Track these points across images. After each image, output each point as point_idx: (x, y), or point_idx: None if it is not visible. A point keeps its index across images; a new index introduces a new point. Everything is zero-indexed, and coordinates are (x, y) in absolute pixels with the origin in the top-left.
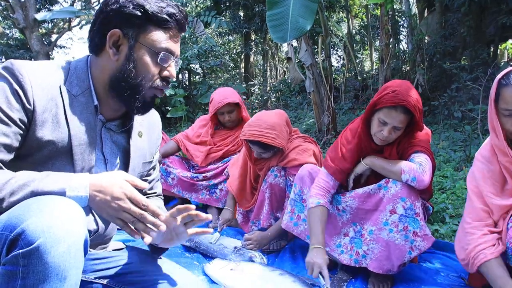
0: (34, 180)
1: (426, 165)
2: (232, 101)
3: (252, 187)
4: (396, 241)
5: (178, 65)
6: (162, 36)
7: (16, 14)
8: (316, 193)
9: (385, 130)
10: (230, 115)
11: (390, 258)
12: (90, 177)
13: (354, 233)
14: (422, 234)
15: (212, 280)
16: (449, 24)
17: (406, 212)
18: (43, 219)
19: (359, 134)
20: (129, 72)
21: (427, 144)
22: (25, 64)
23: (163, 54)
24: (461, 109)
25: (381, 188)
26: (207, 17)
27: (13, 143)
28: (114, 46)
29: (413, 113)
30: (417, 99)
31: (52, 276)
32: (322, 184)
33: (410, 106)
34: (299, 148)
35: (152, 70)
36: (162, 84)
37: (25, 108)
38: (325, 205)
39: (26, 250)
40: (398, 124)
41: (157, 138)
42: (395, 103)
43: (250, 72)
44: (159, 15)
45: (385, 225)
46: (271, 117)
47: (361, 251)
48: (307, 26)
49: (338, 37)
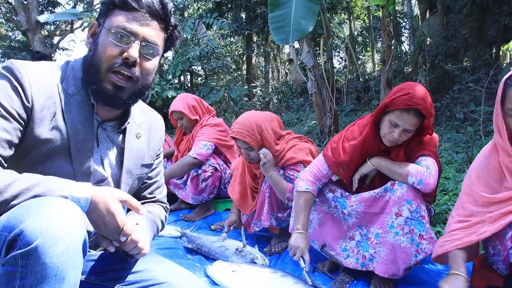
0: (37, 185)
1: (433, 168)
2: (176, 110)
3: (253, 190)
4: (402, 244)
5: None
6: (123, 17)
7: (19, 16)
8: (307, 179)
9: (395, 132)
10: (181, 122)
11: (396, 262)
12: (92, 190)
13: (360, 236)
14: (428, 237)
15: (214, 281)
16: (451, 25)
17: (412, 214)
18: (41, 219)
19: (366, 133)
20: (91, 55)
21: (434, 148)
22: (24, 63)
23: (113, 30)
24: (463, 111)
25: (387, 191)
26: (209, 19)
27: (13, 139)
28: (91, 37)
29: (426, 117)
30: (431, 103)
31: (50, 276)
32: (315, 171)
33: (423, 109)
34: (295, 147)
35: (109, 50)
36: (120, 67)
37: (24, 105)
38: (312, 192)
39: (24, 251)
40: (409, 126)
41: (158, 142)
42: (408, 106)
43: (252, 74)
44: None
45: (391, 228)
46: (256, 117)
47: (367, 254)
48: (309, 28)
49: (340, 39)
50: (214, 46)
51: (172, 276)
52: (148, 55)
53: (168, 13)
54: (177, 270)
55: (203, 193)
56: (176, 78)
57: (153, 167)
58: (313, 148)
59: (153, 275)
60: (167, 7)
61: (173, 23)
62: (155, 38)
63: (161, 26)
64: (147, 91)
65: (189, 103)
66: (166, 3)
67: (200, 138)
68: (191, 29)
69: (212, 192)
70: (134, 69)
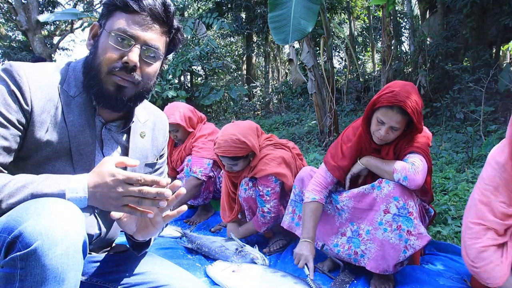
0: (33, 182)
1: (419, 165)
2: (173, 122)
3: (231, 198)
4: (390, 240)
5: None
6: (124, 20)
7: (19, 16)
8: (313, 189)
9: (382, 130)
10: (176, 134)
11: (386, 258)
12: (87, 177)
13: (351, 232)
14: (416, 233)
15: (214, 281)
16: (451, 25)
17: (399, 211)
18: (41, 221)
19: (359, 133)
20: (91, 58)
21: (425, 146)
22: (23, 65)
23: (114, 33)
24: (463, 111)
25: (375, 188)
26: (209, 19)
27: (12, 145)
28: (93, 38)
29: (410, 115)
30: (417, 101)
31: (50, 278)
32: (320, 180)
33: (407, 107)
34: (266, 158)
35: (109, 53)
36: (120, 71)
37: (22, 109)
38: (320, 201)
39: (23, 253)
40: (395, 124)
41: (162, 141)
42: (392, 103)
43: (252, 74)
44: (124, 0)
45: (379, 224)
46: (235, 129)
47: (359, 250)
48: (309, 28)
49: (340, 39)
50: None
51: (173, 278)
52: (149, 59)
53: (171, 16)
54: (178, 272)
55: (198, 199)
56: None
57: (156, 166)
58: (287, 156)
59: (155, 278)
60: (169, 10)
61: (176, 26)
62: (156, 42)
63: (163, 30)
64: (148, 94)
65: (185, 115)
66: (169, 5)
67: (201, 154)
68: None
69: (207, 197)
70: (134, 74)
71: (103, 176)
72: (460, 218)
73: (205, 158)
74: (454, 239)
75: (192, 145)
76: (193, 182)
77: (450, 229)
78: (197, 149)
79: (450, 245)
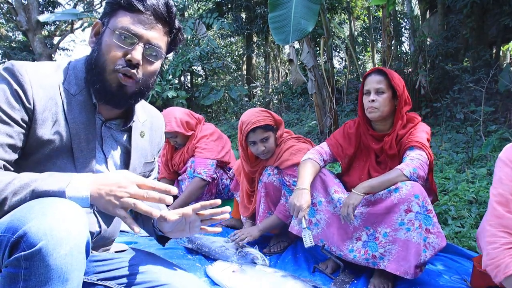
0: (36, 180)
1: (419, 159)
2: (170, 131)
3: (249, 194)
4: (413, 239)
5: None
6: (128, 18)
7: (19, 17)
8: (310, 152)
9: (370, 97)
10: (175, 140)
11: (407, 258)
12: (93, 176)
13: (367, 236)
14: (435, 231)
15: (214, 282)
16: (451, 25)
17: (420, 209)
18: (45, 221)
19: (358, 121)
20: (95, 55)
21: (425, 140)
22: (25, 64)
23: (118, 31)
24: (463, 111)
25: (391, 192)
26: (209, 19)
27: (17, 143)
28: (95, 36)
29: (387, 75)
30: (398, 75)
31: (54, 278)
32: (317, 148)
33: (385, 70)
34: (292, 148)
35: (113, 51)
36: (124, 68)
37: (25, 107)
38: (314, 160)
39: (28, 253)
40: (376, 85)
41: (159, 140)
42: (371, 71)
43: (252, 74)
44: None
45: (401, 225)
46: (253, 108)
47: (377, 254)
48: (309, 28)
49: (340, 39)
50: (214, 46)
51: (173, 277)
52: (151, 58)
53: (173, 16)
54: (179, 272)
55: (200, 200)
56: (176, 78)
57: (153, 166)
58: (310, 148)
59: (155, 277)
60: (172, 10)
61: (177, 26)
62: (159, 41)
63: (165, 29)
64: (148, 92)
65: (182, 120)
66: (171, 6)
67: (204, 155)
68: (191, 29)
69: (209, 199)
70: (137, 70)
71: (117, 177)
72: (460, 218)
73: (209, 159)
74: (454, 239)
75: (194, 146)
76: (198, 183)
77: (450, 230)
78: (200, 150)
79: (450, 245)
